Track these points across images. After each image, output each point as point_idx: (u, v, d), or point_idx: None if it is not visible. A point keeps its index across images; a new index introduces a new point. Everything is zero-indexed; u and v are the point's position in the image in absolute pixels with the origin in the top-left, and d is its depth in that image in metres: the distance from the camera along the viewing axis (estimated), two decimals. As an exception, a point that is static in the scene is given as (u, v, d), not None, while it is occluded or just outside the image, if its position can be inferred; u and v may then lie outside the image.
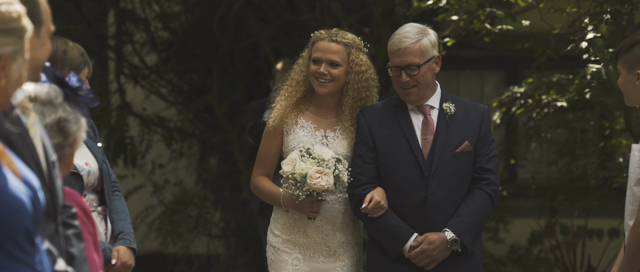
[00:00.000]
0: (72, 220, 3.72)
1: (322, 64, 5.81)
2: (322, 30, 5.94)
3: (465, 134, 5.81)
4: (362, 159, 5.79)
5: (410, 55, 5.73)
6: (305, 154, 5.69)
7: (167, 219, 12.14)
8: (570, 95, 8.72)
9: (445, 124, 5.81)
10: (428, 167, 5.74)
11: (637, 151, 5.11)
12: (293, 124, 5.90)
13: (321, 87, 5.83)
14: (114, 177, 5.54)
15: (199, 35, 11.81)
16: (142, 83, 12.20)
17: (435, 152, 5.76)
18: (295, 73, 5.96)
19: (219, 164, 12.31)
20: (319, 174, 5.63)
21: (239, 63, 11.81)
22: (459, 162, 5.78)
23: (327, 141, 5.89)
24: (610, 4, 6.71)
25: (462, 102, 5.92)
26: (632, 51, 5.11)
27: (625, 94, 5.20)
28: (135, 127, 12.36)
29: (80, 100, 3.63)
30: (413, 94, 5.78)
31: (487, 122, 5.88)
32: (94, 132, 5.50)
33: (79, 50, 5.33)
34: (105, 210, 5.42)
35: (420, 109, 5.85)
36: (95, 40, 11.87)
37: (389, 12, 10.45)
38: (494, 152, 5.89)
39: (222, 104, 11.64)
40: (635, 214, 5.10)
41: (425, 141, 5.79)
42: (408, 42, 5.73)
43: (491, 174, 5.82)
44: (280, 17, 11.23)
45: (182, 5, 11.89)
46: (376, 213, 5.71)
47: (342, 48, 5.84)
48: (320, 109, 5.94)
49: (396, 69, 5.77)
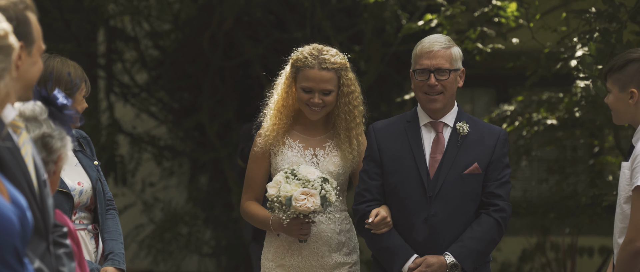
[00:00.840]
0: (63, 239, 3.71)
1: (315, 94, 5.69)
2: (305, 51, 5.76)
3: (476, 156, 5.58)
4: (369, 175, 5.63)
5: (441, 58, 5.56)
6: (290, 176, 5.54)
7: (158, 238, 12.12)
8: (560, 113, 8.74)
9: (456, 144, 5.60)
10: (432, 187, 5.54)
11: (626, 169, 5.12)
12: (280, 145, 5.78)
13: (314, 114, 5.73)
14: (109, 195, 5.50)
15: (189, 53, 11.81)
16: (133, 101, 12.19)
17: (441, 172, 5.56)
18: (280, 97, 5.81)
19: (210, 183, 12.30)
20: (304, 196, 5.48)
21: (229, 81, 11.82)
22: (465, 185, 5.56)
23: (317, 159, 5.77)
24: (599, 23, 6.74)
25: (479, 123, 5.71)
26: (624, 70, 5.13)
27: (615, 112, 5.21)
28: (126, 145, 12.35)
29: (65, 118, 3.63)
30: (439, 101, 5.59)
31: (501, 146, 5.63)
32: (91, 150, 5.49)
33: (75, 69, 5.32)
34: (95, 229, 5.39)
35: (433, 126, 5.66)
36: (85, 59, 11.86)
37: (379, 30, 10.47)
38: (507, 178, 5.63)
39: (213, 122, 11.64)
40: (624, 232, 5.11)
41: (434, 159, 5.59)
42: (440, 46, 5.58)
43: (501, 200, 5.58)
44: (270, 35, 11.25)
45: (172, 24, 11.90)
46: (380, 229, 5.55)
47: (333, 75, 5.71)
48: (307, 128, 5.83)
49: (424, 71, 5.57)
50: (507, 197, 5.64)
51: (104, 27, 12.09)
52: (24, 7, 3.49)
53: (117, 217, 5.50)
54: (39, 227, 3.42)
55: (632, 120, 5.17)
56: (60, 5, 11.50)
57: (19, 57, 3.38)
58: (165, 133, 12.39)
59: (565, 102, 8.60)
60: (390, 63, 10.93)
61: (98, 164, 5.45)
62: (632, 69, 5.12)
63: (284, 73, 5.83)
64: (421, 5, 9.46)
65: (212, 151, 11.77)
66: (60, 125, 3.66)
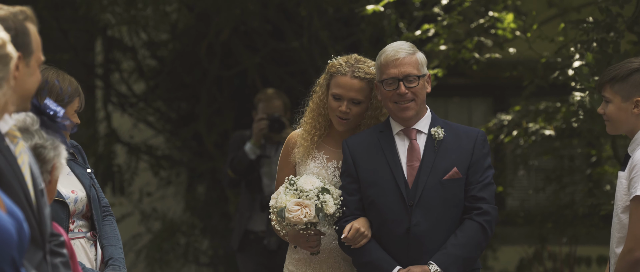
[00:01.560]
0: (60, 248, 3.71)
1: (344, 102, 5.54)
2: (341, 59, 5.64)
3: (454, 160, 5.44)
4: (346, 191, 5.48)
5: (408, 65, 5.44)
6: (289, 186, 5.39)
7: (155, 247, 12.10)
8: (558, 123, 8.74)
9: (432, 150, 5.45)
10: (412, 196, 5.39)
11: (623, 179, 5.12)
12: (306, 155, 5.63)
13: (341, 124, 5.58)
14: (105, 202, 5.51)
15: (186, 63, 11.81)
16: (130, 111, 12.19)
17: (420, 180, 5.40)
18: (315, 105, 5.66)
19: (207, 192, 12.29)
20: (298, 207, 5.30)
21: (227, 91, 11.81)
22: (446, 191, 5.40)
23: (340, 171, 5.59)
24: (596, 32, 6.74)
25: (454, 126, 5.58)
26: (629, 79, 5.13)
27: (614, 122, 5.19)
28: (123, 155, 12.34)
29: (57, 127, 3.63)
30: (411, 108, 5.46)
31: (480, 147, 5.49)
32: (83, 158, 5.49)
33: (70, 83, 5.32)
34: (94, 236, 5.39)
35: (406, 134, 5.52)
36: (82, 68, 11.87)
37: (376, 39, 10.47)
38: (490, 180, 5.49)
39: (211, 132, 11.63)
40: (622, 241, 5.11)
41: (411, 167, 5.44)
42: (405, 53, 5.47)
43: (484, 203, 5.43)
44: (267, 44, 11.25)
45: (170, 34, 11.90)
46: (358, 242, 5.38)
47: (364, 85, 5.55)
48: (335, 139, 5.66)
49: (392, 81, 5.43)
50: (491, 199, 5.49)
51: (102, 37, 12.09)
52: (23, 17, 3.50)
53: (114, 222, 5.50)
54: (35, 237, 3.42)
55: (630, 130, 5.17)
56: (57, 15, 11.50)
57: (17, 67, 3.38)
58: (162, 143, 12.38)
59: (562, 112, 8.60)
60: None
61: (91, 172, 5.45)
62: (637, 78, 5.13)
63: (320, 80, 5.71)
64: (418, 15, 9.47)
65: (210, 161, 11.77)
66: (53, 135, 3.66)
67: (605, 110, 5.17)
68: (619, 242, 5.13)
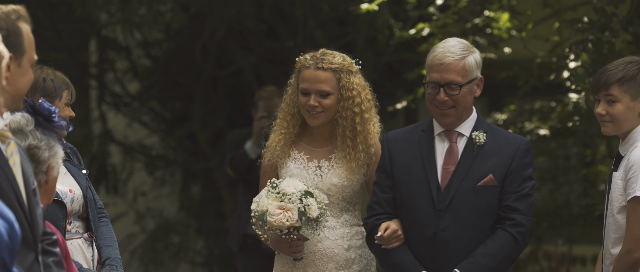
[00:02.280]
0: (53, 247, 3.69)
1: (311, 96, 5.39)
2: (307, 54, 5.50)
3: (492, 167, 5.20)
4: (380, 187, 5.32)
5: (452, 72, 5.18)
6: (271, 189, 5.21)
7: (150, 247, 12.09)
8: (553, 123, 8.74)
9: (471, 154, 5.23)
10: (442, 200, 5.20)
11: (619, 179, 5.11)
12: (286, 157, 5.48)
13: (313, 119, 5.42)
14: (100, 204, 5.51)
15: (181, 62, 11.79)
16: (124, 111, 12.17)
17: (452, 184, 5.20)
18: (286, 105, 5.53)
19: (202, 192, 12.28)
20: (280, 210, 5.12)
21: (221, 90, 11.80)
22: (479, 197, 5.19)
23: (321, 171, 5.45)
24: (591, 32, 6.73)
25: (499, 132, 5.35)
26: (637, 78, 5.13)
27: (620, 122, 5.14)
28: (117, 155, 12.32)
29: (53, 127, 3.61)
30: (450, 115, 5.24)
31: (521, 156, 5.23)
32: (78, 159, 5.48)
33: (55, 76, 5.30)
34: (91, 236, 5.39)
35: (447, 136, 5.31)
36: (76, 68, 11.84)
37: (371, 39, 10.46)
38: (528, 191, 5.24)
39: (205, 131, 11.62)
40: (618, 242, 5.09)
41: (446, 170, 5.24)
42: (452, 58, 5.19)
43: (519, 214, 5.19)
44: (262, 44, 11.23)
45: (164, 33, 11.88)
46: (391, 244, 5.22)
47: (330, 75, 5.40)
48: (314, 139, 5.52)
49: (434, 85, 5.22)
50: (527, 211, 5.24)
51: (96, 36, 12.06)
52: (16, 17, 3.48)
53: (110, 224, 5.51)
54: (27, 238, 3.40)
55: (630, 130, 5.15)
56: (51, 14, 11.48)
57: (8, 67, 3.36)
58: (157, 142, 12.36)
59: (557, 112, 8.59)
60: (382, 72, 10.91)
61: (87, 173, 5.44)
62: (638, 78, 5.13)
63: (290, 80, 5.57)
64: (413, 14, 9.46)
65: (204, 160, 11.75)
66: (49, 134, 3.64)
67: (608, 110, 5.14)
68: (615, 243, 5.12)
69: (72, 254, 5.16)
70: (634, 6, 6.92)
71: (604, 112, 5.15)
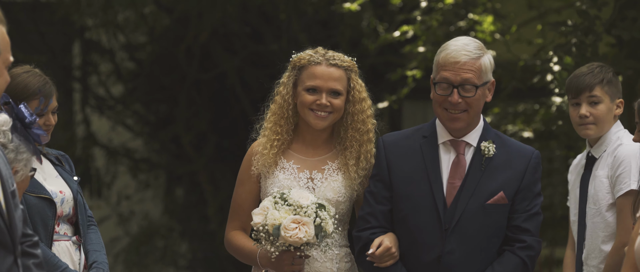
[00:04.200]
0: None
1: (323, 94, 4.83)
2: (309, 50, 4.97)
3: (502, 183, 4.72)
4: (375, 198, 4.78)
5: (469, 71, 4.71)
6: (279, 201, 4.68)
7: (134, 251, 12.07)
8: (536, 125, 8.75)
9: (479, 168, 4.74)
10: (449, 219, 4.69)
11: (604, 178, 5.15)
12: (273, 165, 4.91)
13: (320, 120, 4.86)
14: (90, 213, 5.50)
15: (165, 65, 11.78)
16: (108, 114, 12.15)
17: (460, 201, 4.69)
18: (278, 106, 4.96)
19: (186, 195, 12.26)
20: (295, 224, 4.63)
21: (205, 93, 11.79)
22: (488, 217, 4.69)
23: (314, 183, 4.90)
24: (574, 35, 6.75)
25: (508, 142, 4.84)
26: (614, 81, 5.24)
27: (602, 123, 5.22)
28: (101, 158, 12.29)
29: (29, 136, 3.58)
30: (461, 120, 4.74)
31: (533, 170, 4.77)
32: (70, 166, 5.47)
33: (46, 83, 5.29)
34: (79, 240, 5.38)
35: (453, 145, 4.79)
36: (60, 71, 11.81)
37: (355, 42, 10.46)
38: (537, 209, 4.78)
39: (189, 134, 11.61)
40: (609, 239, 5.13)
41: (452, 185, 4.73)
42: (468, 56, 4.73)
43: (529, 236, 4.73)
44: (246, 47, 11.23)
45: (148, 36, 11.86)
46: (384, 262, 4.71)
47: (343, 74, 4.89)
48: (306, 146, 4.96)
49: (447, 86, 4.71)
50: (537, 231, 4.80)
51: (79, 39, 12.04)
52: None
53: (98, 232, 5.51)
54: (5, 241, 3.38)
55: (607, 131, 5.22)
56: (35, 17, 11.45)
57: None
58: (141, 145, 12.34)
59: (540, 114, 8.61)
60: (366, 75, 10.92)
61: (78, 180, 5.44)
62: (617, 80, 5.25)
63: (282, 79, 5.01)
64: (398, 18, 9.47)
65: (188, 163, 11.74)
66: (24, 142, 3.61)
67: (591, 111, 5.19)
68: (605, 241, 5.16)
69: (59, 255, 5.16)
70: (616, 9, 6.94)
71: (588, 114, 5.19)
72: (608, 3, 7.07)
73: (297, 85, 4.93)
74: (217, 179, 11.64)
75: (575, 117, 5.23)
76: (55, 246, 5.20)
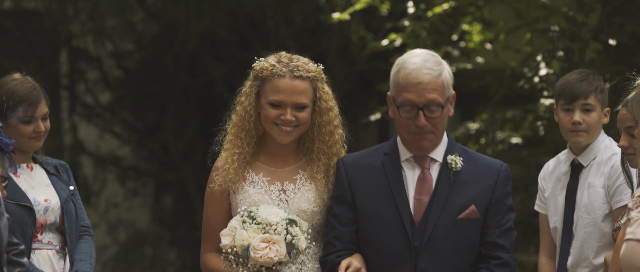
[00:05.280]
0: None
1: (288, 109, 4.61)
2: (271, 59, 4.74)
3: (473, 196, 4.56)
4: (339, 220, 4.60)
5: (433, 91, 4.48)
6: (247, 219, 4.48)
7: (122, 259, 12.05)
8: (525, 132, 8.76)
9: (447, 183, 4.57)
10: (419, 236, 4.51)
11: (600, 188, 5.14)
12: (240, 180, 4.68)
13: (284, 135, 4.65)
14: (86, 223, 5.44)
15: (153, 73, 11.77)
16: (96, 122, 12.13)
17: (430, 218, 4.52)
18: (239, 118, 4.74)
19: (174, 203, 12.25)
20: (265, 243, 4.42)
21: (193, 101, 11.78)
22: (461, 232, 4.53)
23: (286, 195, 4.68)
24: (562, 41, 6.76)
25: (473, 155, 4.68)
26: (605, 90, 5.27)
27: (593, 131, 5.22)
28: (89, 166, 12.27)
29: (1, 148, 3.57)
30: (429, 141, 4.56)
31: (503, 183, 4.64)
32: (68, 176, 5.44)
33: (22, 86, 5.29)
34: (63, 249, 5.35)
35: (417, 161, 4.62)
36: (47, 79, 11.77)
37: (343, 49, 10.47)
38: (510, 225, 4.65)
39: (177, 142, 11.60)
40: (601, 250, 5.12)
41: (419, 202, 4.56)
42: (430, 75, 4.50)
43: (504, 252, 4.58)
44: (234, 54, 11.22)
45: (136, 44, 11.85)
46: None
47: (307, 85, 4.65)
48: (273, 157, 4.74)
49: (410, 108, 4.52)
50: (512, 247, 4.66)
51: (67, 47, 12.03)
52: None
53: (91, 242, 5.43)
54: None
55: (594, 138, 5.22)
56: (22, 25, 11.43)
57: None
58: (129, 153, 12.33)
59: (529, 121, 8.62)
60: (355, 82, 10.92)
61: (73, 190, 5.40)
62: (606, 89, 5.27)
63: (244, 89, 4.81)
64: (387, 26, 9.48)
65: (177, 171, 11.72)
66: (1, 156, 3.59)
67: (585, 118, 5.18)
68: (598, 252, 5.14)
69: (40, 264, 5.13)
70: (603, 15, 6.96)
71: (581, 121, 5.17)
72: (595, 9, 7.08)
73: (260, 96, 4.72)
74: (206, 186, 11.62)
75: (567, 123, 5.20)
76: (35, 255, 5.17)
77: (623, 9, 6.97)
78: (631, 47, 7.04)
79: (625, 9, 6.97)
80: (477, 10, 8.64)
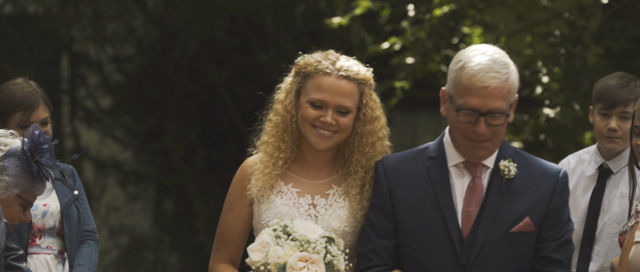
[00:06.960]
0: (18, 262, 3.65)
1: (329, 111, 4.17)
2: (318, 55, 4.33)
3: (527, 207, 4.10)
4: (377, 232, 4.13)
5: (498, 98, 4.04)
6: (281, 235, 4.06)
7: (123, 263, 12.05)
8: (526, 136, 8.76)
9: (499, 191, 4.11)
10: (467, 252, 4.07)
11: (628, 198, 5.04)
12: (268, 188, 4.23)
13: (322, 140, 4.19)
14: (91, 227, 5.40)
15: (153, 77, 11.78)
16: (97, 126, 12.14)
17: (479, 231, 4.07)
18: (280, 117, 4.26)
19: (175, 207, 12.25)
20: (303, 263, 4.01)
21: (194, 105, 11.79)
22: (514, 247, 4.08)
23: (316, 210, 4.22)
24: (563, 46, 6.76)
25: (529, 160, 4.22)
26: None
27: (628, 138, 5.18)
28: (90, 170, 12.28)
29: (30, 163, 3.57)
30: (486, 149, 4.11)
31: (561, 192, 4.16)
32: (74, 180, 5.43)
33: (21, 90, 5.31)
34: (62, 254, 5.35)
35: (468, 168, 4.16)
36: (48, 83, 11.79)
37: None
38: (568, 237, 4.17)
39: (178, 146, 11.60)
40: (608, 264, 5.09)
41: (468, 214, 4.10)
42: (497, 80, 4.05)
43: (561, 268, 4.13)
44: (235, 59, 11.23)
45: (136, 48, 11.86)
46: None
47: (354, 88, 4.22)
48: (306, 167, 4.28)
49: (471, 112, 4.05)
50: (569, 262, 4.20)
51: (67, 51, 12.03)
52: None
53: (94, 246, 5.39)
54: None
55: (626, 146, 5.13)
56: (22, 30, 11.44)
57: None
58: (129, 158, 12.33)
59: (530, 125, 8.62)
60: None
61: (78, 194, 5.38)
62: None
63: (284, 86, 4.33)
64: (387, 29, 9.48)
65: (177, 175, 11.73)
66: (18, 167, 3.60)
67: (621, 126, 5.09)
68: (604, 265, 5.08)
69: (36, 269, 5.13)
70: (605, 20, 6.96)
71: (617, 128, 5.09)
72: (596, 14, 7.08)
73: (300, 94, 4.26)
74: (207, 190, 11.63)
75: (603, 128, 5.06)
76: (32, 259, 5.16)
77: (624, 13, 6.97)
78: (632, 52, 7.05)
79: (626, 14, 6.97)
80: (477, 13, 8.63)
